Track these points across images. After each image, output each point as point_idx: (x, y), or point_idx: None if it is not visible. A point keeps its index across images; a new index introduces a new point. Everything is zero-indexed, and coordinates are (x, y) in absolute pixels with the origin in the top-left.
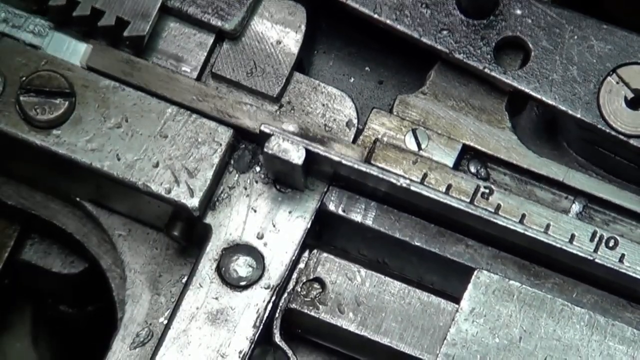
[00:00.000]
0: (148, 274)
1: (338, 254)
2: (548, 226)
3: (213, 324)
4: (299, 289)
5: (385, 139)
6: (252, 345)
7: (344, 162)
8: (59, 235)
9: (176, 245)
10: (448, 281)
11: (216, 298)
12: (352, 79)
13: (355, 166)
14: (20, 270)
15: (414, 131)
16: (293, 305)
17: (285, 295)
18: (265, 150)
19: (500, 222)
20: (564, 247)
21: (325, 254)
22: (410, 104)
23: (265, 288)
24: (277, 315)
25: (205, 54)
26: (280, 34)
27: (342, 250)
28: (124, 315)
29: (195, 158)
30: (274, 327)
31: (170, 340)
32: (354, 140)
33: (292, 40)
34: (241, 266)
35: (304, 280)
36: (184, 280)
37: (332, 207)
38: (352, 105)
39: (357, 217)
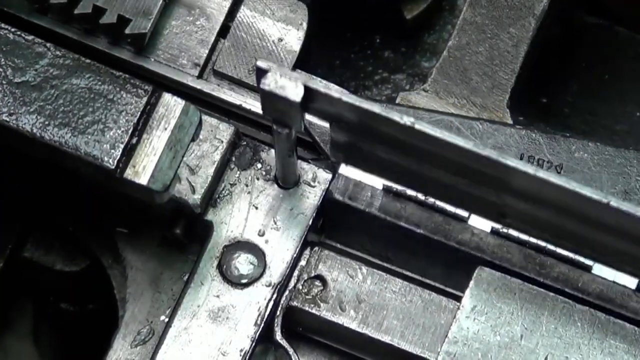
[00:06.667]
0: (149, 271)
1: (339, 252)
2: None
3: (214, 321)
4: (300, 287)
5: None
6: (253, 344)
7: (344, 99)
8: (61, 233)
9: (177, 243)
10: (451, 275)
11: (217, 296)
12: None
13: (357, 103)
14: (22, 267)
15: None
16: (294, 303)
17: (287, 292)
18: (261, 87)
19: (509, 163)
20: (578, 190)
21: (326, 251)
22: (412, 101)
23: (267, 285)
24: (278, 313)
25: (207, 51)
26: (282, 31)
27: (345, 247)
28: (125, 313)
29: (197, 155)
30: (275, 325)
31: (172, 338)
32: None
33: (293, 38)
34: (242, 264)
35: (305, 278)
36: (185, 278)
37: (337, 195)
38: None
39: (362, 205)
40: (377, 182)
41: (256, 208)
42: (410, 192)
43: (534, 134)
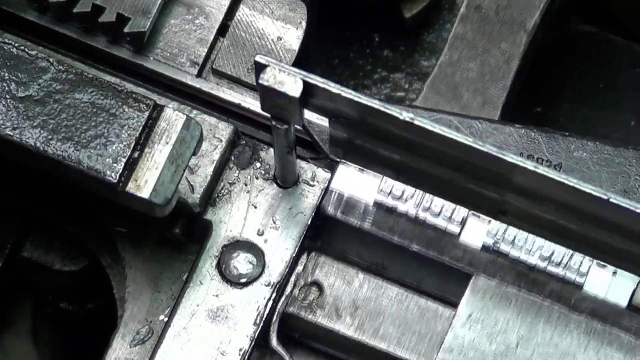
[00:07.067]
0: (148, 271)
1: (337, 258)
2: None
3: (214, 321)
4: (297, 293)
5: None
6: (253, 343)
7: (343, 94)
8: (60, 232)
9: (177, 243)
10: (447, 285)
11: (217, 295)
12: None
13: (356, 99)
14: (21, 267)
15: None
16: (291, 310)
17: (283, 299)
18: (260, 82)
19: (509, 159)
20: (578, 186)
21: (323, 258)
22: None
23: (266, 285)
24: (274, 319)
25: (206, 50)
26: (281, 30)
27: (341, 253)
28: (125, 313)
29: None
30: (272, 331)
31: (171, 338)
32: None
33: (293, 37)
34: (242, 263)
35: (302, 284)
36: (184, 278)
37: (331, 210)
38: None
39: (355, 221)
40: (370, 197)
41: (255, 207)
42: (402, 207)
43: (533, 133)
